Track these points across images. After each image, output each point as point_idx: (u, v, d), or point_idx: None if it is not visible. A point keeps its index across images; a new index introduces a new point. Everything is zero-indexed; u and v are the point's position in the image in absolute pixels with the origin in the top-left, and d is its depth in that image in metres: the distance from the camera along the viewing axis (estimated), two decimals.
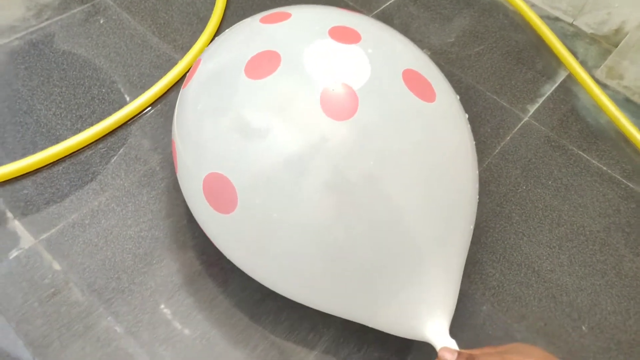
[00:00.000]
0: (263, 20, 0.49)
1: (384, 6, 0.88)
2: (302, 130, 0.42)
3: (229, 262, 0.50)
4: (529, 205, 0.67)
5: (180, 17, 0.79)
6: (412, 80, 0.44)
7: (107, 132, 0.63)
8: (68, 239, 0.57)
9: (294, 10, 0.50)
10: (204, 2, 0.81)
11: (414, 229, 0.43)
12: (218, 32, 0.77)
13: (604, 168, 0.73)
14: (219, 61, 0.48)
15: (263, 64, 0.44)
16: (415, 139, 0.43)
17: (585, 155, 0.74)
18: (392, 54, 0.47)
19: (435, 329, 0.44)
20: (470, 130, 0.50)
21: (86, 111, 0.67)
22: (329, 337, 0.53)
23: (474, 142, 0.50)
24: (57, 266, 0.55)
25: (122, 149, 0.64)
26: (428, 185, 0.43)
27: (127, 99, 0.67)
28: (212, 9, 0.79)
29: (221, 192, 0.44)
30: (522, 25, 0.90)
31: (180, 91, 0.52)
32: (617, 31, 0.89)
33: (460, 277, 0.47)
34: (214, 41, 0.53)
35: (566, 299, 0.60)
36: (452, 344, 0.44)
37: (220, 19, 0.77)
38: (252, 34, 0.48)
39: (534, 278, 0.61)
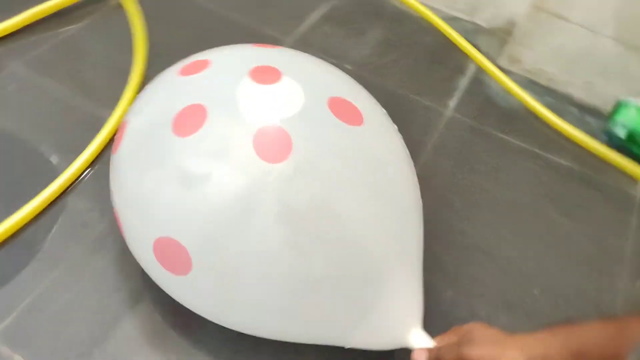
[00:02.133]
0: (183, 72, 0.50)
1: (301, 29, 0.93)
2: (240, 176, 0.43)
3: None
4: (466, 192, 0.73)
5: (100, 72, 0.79)
6: (338, 107, 0.47)
7: (46, 205, 0.62)
8: (26, 326, 0.54)
9: (212, 56, 0.51)
10: (122, 53, 0.81)
11: (369, 245, 0.46)
12: (143, 82, 0.77)
13: (523, 145, 0.81)
14: (144, 122, 0.48)
15: (190, 120, 0.44)
16: (352, 163, 0.46)
17: (505, 137, 0.82)
18: (315, 85, 0.49)
19: (409, 334, 0.48)
20: (402, 140, 0.54)
21: (19, 188, 0.65)
22: (313, 356, 0.54)
23: (407, 149, 0.54)
24: (20, 359, 0.52)
25: (66, 219, 0.62)
26: (374, 202, 0.46)
27: (62, 166, 0.66)
28: (131, 60, 0.79)
29: (173, 255, 0.44)
30: (429, 29, 0.98)
31: (111, 157, 0.52)
32: (509, 22, 0.99)
33: (421, 276, 0.51)
34: (136, 100, 0.53)
35: (515, 269, 0.66)
36: (427, 340, 0.48)
37: (142, 69, 0.78)
38: (174, 88, 0.49)
39: (483, 257, 0.67)
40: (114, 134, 0.69)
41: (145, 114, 0.49)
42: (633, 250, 0.70)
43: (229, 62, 0.51)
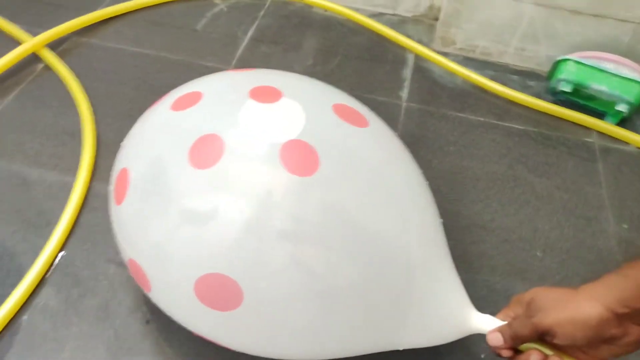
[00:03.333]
0: (177, 107, 0.47)
1: (239, 54, 0.91)
2: (276, 197, 0.42)
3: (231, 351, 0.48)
4: (447, 175, 0.75)
5: (49, 140, 0.72)
6: (344, 112, 0.47)
7: (35, 287, 0.56)
8: None
9: (200, 87, 0.49)
10: (66, 116, 0.75)
11: (400, 245, 0.45)
12: (97, 139, 0.72)
13: (481, 119, 0.84)
14: (152, 163, 0.45)
15: (208, 150, 0.43)
16: (370, 164, 0.46)
17: (462, 115, 0.85)
18: (315, 97, 0.49)
19: (470, 320, 0.47)
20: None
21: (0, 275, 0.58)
22: None
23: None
24: None
25: (61, 295, 0.57)
26: (395, 201, 0.46)
27: (38, 243, 0.60)
28: (78, 122, 0.74)
29: (221, 290, 0.42)
30: (358, 29, 1.00)
31: (113, 210, 0.48)
32: (431, 8, 1.03)
33: (452, 263, 0.50)
34: (127, 145, 0.49)
35: (514, 236, 0.68)
36: (493, 320, 0.47)
37: (93, 128, 0.73)
38: (175, 123, 0.46)
39: (483, 232, 0.68)
40: (85, 195, 0.64)
41: (151, 155, 0.46)
42: (609, 194, 0.74)
43: (222, 89, 0.49)
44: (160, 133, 0.47)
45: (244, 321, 0.44)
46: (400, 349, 0.48)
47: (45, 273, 0.58)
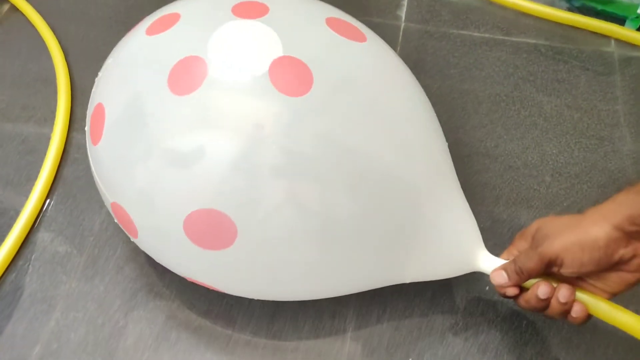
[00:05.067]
0: (152, 32, 0.43)
1: None
2: (267, 119, 0.39)
3: (227, 296, 0.47)
4: (447, 100, 0.69)
5: (20, 90, 0.68)
6: (338, 26, 0.43)
7: (19, 247, 0.55)
8: None
9: (179, 9, 0.44)
10: (37, 62, 0.71)
11: (403, 173, 0.42)
12: (73, 85, 0.68)
13: (486, 35, 0.77)
14: (129, 97, 0.42)
15: (188, 73, 0.39)
16: (369, 84, 0.42)
17: (465, 32, 0.78)
18: (306, 11, 0.45)
19: (476, 258, 0.45)
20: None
21: None
22: (352, 314, 0.52)
23: None
24: None
25: (46, 253, 0.55)
26: (396, 123, 0.43)
27: (19, 201, 0.58)
28: (50, 67, 0.70)
29: (213, 228, 0.40)
30: None
31: (92, 150, 0.45)
32: None
33: (463, 194, 0.47)
34: (101, 79, 0.46)
35: (520, 162, 0.63)
36: (496, 260, 0.45)
37: (66, 73, 0.69)
38: (151, 49, 0.42)
39: (486, 160, 0.64)
40: (64, 146, 0.62)
41: (127, 85, 0.42)
42: (625, 110, 0.68)
43: (202, 8, 0.45)
44: (135, 61, 0.43)
45: (239, 259, 0.42)
46: (407, 281, 0.47)
47: (29, 232, 0.56)
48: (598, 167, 0.63)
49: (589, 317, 0.41)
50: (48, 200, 0.59)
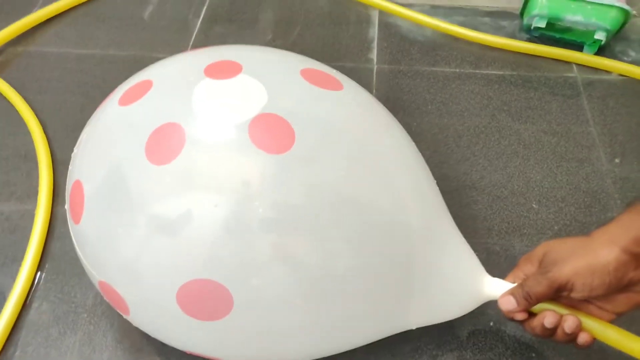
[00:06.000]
0: (125, 102, 0.42)
1: (193, 40, 0.84)
2: (254, 181, 0.38)
3: None
4: (428, 137, 0.71)
5: None
6: (314, 77, 0.43)
7: (9, 333, 0.52)
8: None
9: (150, 75, 0.44)
10: (15, 136, 0.70)
11: (395, 217, 0.42)
12: (54, 161, 0.67)
13: (457, 70, 0.80)
14: (107, 173, 0.40)
15: (165, 142, 0.38)
16: (351, 132, 0.42)
17: (436, 69, 0.80)
18: (279, 65, 0.45)
19: (482, 286, 0.45)
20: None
21: None
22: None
23: None
24: None
25: (39, 337, 0.53)
26: (383, 167, 0.42)
27: (7, 283, 0.56)
28: (29, 141, 0.69)
29: (208, 298, 0.38)
30: None
31: (74, 229, 0.43)
32: None
33: (457, 228, 0.47)
34: (78, 154, 0.45)
35: (506, 191, 0.65)
36: (504, 284, 0.44)
37: (46, 145, 0.68)
38: (126, 120, 0.41)
39: (474, 193, 0.65)
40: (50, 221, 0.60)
41: (103, 160, 0.41)
42: (598, 131, 0.71)
43: (174, 72, 0.44)
44: (110, 134, 0.42)
45: (237, 327, 0.40)
46: (413, 327, 0.46)
47: (18, 316, 0.53)
48: (581, 188, 0.65)
49: (593, 341, 0.41)
50: (37, 279, 0.57)
